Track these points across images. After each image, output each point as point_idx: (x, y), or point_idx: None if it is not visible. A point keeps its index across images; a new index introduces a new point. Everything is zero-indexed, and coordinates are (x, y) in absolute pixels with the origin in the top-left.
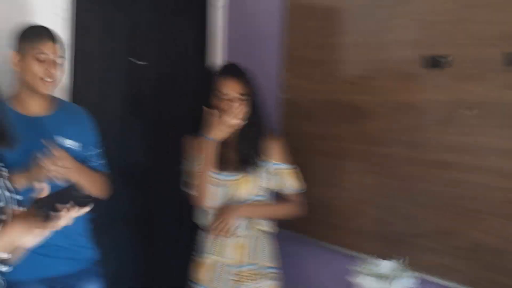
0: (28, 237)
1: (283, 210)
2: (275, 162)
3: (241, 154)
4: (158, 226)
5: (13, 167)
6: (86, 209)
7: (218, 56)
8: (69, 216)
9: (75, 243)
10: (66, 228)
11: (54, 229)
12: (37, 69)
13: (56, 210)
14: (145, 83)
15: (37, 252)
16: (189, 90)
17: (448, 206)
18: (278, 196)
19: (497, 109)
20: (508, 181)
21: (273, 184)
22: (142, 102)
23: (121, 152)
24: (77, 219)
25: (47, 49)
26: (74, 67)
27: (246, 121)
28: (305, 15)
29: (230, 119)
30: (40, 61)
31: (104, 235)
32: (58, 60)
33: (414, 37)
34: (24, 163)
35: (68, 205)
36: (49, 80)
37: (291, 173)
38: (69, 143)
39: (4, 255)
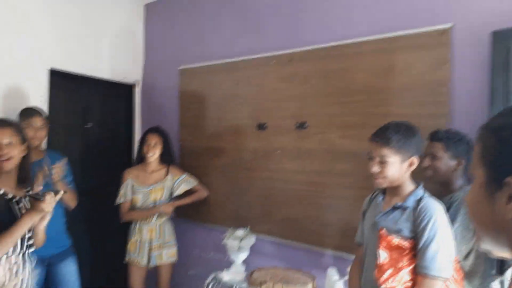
0: (35, 218)
1: (199, 196)
2: (177, 177)
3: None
4: (105, 222)
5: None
6: (58, 196)
7: (137, 121)
8: (52, 199)
9: (59, 236)
10: (53, 227)
11: (47, 210)
12: (30, 134)
13: (44, 196)
14: (93, 137)
15: None
16: (121, 142)
17: (269, 199)
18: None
19: (291, 150)
20: (298, 185)
21: (181, 189)
22: (92, 148)
23: (82, 177)
24: (59, 221)
25: (35, 122)
26: (50, 128)
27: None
28: (189, 100)
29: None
30: (30, 128)
31: (74, 229)
32: (42, 127)
33: (249, 114)
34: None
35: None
36: (36, 139)
37: (188, 177)
38: None
39: (30, 241)
